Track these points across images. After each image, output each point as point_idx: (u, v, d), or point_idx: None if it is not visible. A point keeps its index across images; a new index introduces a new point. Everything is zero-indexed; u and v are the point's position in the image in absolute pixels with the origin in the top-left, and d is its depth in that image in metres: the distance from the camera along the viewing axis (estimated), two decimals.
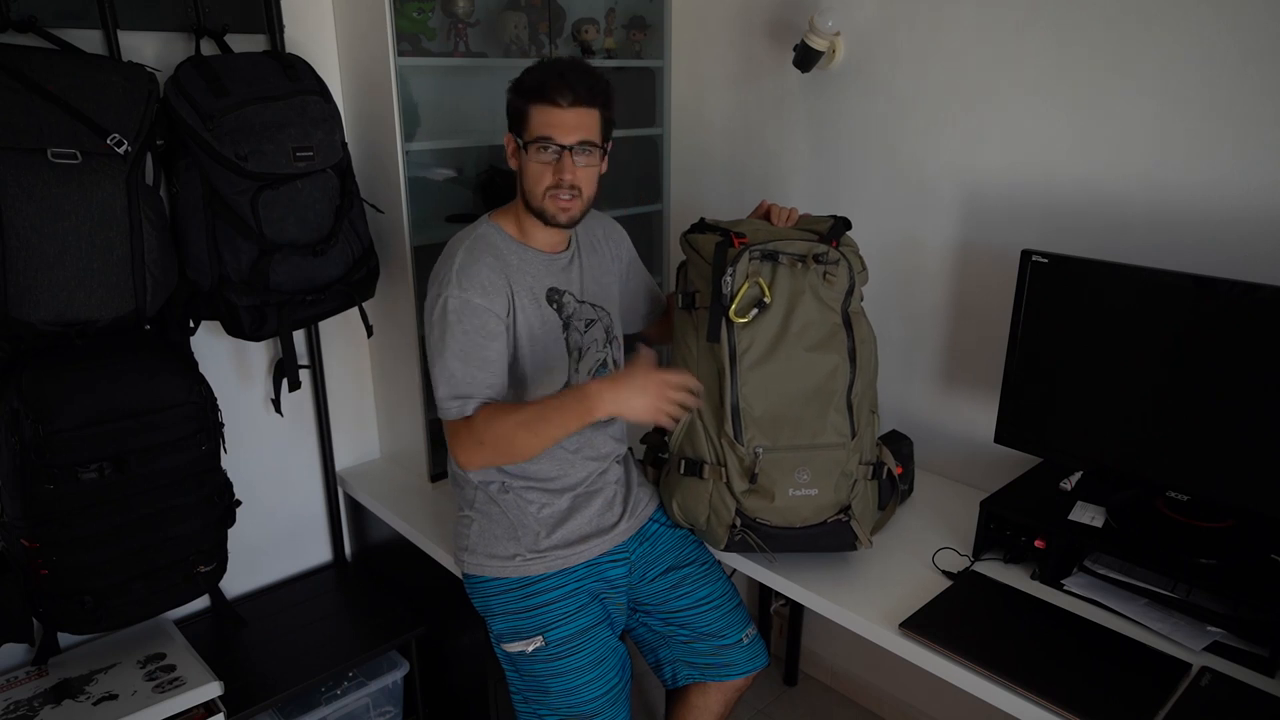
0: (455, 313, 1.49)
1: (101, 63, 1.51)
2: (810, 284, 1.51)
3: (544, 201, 1.52)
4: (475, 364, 1.50)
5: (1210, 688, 1.27)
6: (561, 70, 1.49)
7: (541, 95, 1.48)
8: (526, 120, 1.50)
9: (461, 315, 1.49)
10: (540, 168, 1.50)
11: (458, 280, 1.50)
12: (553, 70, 1.49)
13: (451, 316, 1.49)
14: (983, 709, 1.56)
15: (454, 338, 1.49)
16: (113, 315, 1.49)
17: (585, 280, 1.66)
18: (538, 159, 1.50)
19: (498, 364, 1.53)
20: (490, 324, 1.51)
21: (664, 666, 1.77)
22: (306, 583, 2.15)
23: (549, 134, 1.48)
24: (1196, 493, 1.48)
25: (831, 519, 1.52)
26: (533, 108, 1.49)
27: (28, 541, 1.51)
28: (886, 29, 1.89)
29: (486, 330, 1.51)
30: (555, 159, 1.50)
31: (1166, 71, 1.52)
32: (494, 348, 1.52)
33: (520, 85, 1.52)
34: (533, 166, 1.51)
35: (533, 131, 1.49)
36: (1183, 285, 1.41)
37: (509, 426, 1.46)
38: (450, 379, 1.49)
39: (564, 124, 1.48)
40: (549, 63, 1.52)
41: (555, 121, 1.48)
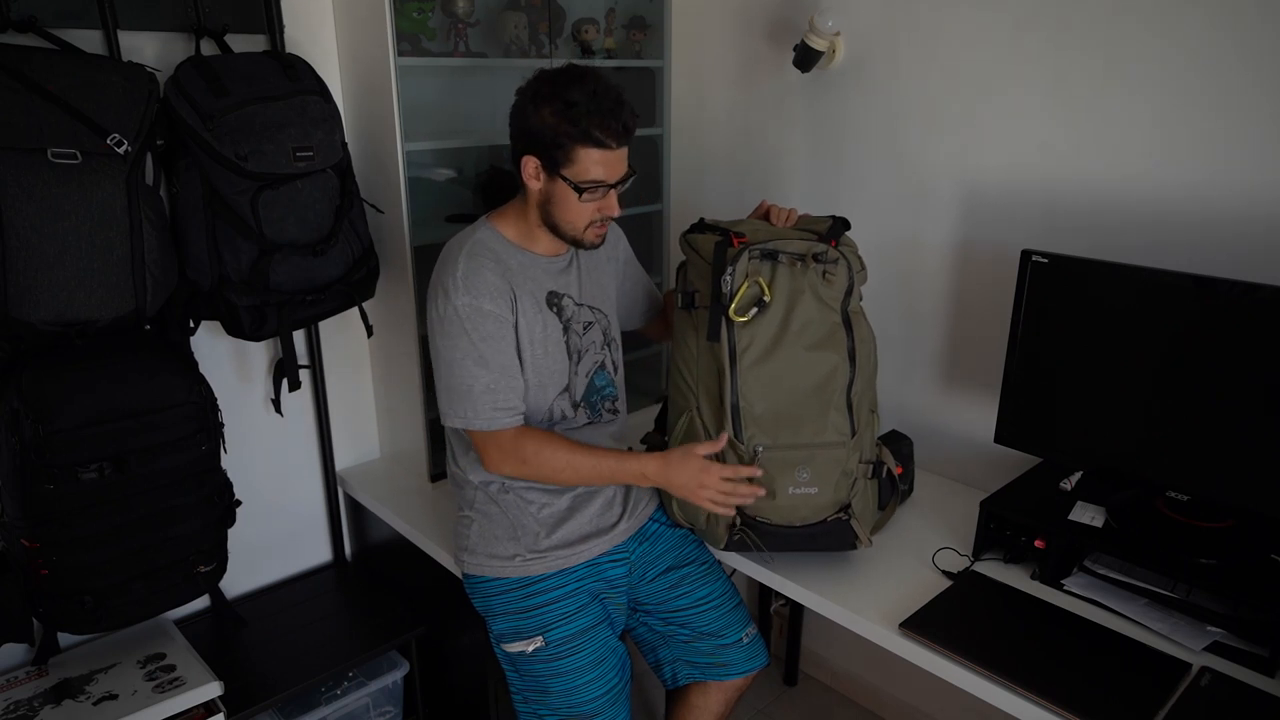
0: (470, 320, 1.48)
1: (101, 63, 1.51)
2: (810, 283, 1.51)
3: (584, 234, 1.53)
4: (499, 370, 1.51)
5: (1210, 688, 1.27)
6: (605, 109, 1.41)
7: (591, 139, 1.42)
8: (570, 159, 1.44)
9: (475, 322, 1.49)
10: (587, 206, 1.49)
11: (465, 287, 1.49)
12: (596, 108, 1.41)
13: (467, 324, 1.48)
14: (983, 709, 1.56)
15: (473, 345, 1.49)
16: (113, 315, 1.49)
17: (584, 283, 1.66)
18: (587, 199, 1.48)
19: (514, 369, 1.54)
20: (503, 329, 1.51)
21: (664, 666, 1.77)
22: (306, 583, 2.15)
23: (604, 178, 1.47)
24: (1196, 493, 1.48)
25: (831, 518, 1.52)
26: (581, 149, 1.43)
27: (28, 541, 1.51)
28: (886, 29, 1.89)
29: (500, 335, 1.51)
30: (601, 198, 1.50)
31: (1166, 71, 1.52)
32: (508, 354, 1.53)
33: (565, 118, 1.41)
34: (576, 205, 1.49)
35: (581, 174, 1.45)
36: (1183, 285, 1.41)
37: (559, 462, 1.52)
38: (480, 387, 1.49)
39: (613, 164, 1.47)
40: (592, 98, 1.41)
41: (606, 164, 1.46)
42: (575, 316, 1.63)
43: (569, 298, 1.62)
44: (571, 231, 1.53)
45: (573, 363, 1.63)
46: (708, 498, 1.49)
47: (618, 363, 1.74)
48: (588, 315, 1.66)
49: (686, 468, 1.50)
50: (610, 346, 1.71)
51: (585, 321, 1.65)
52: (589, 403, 1.67)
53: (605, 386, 1.69)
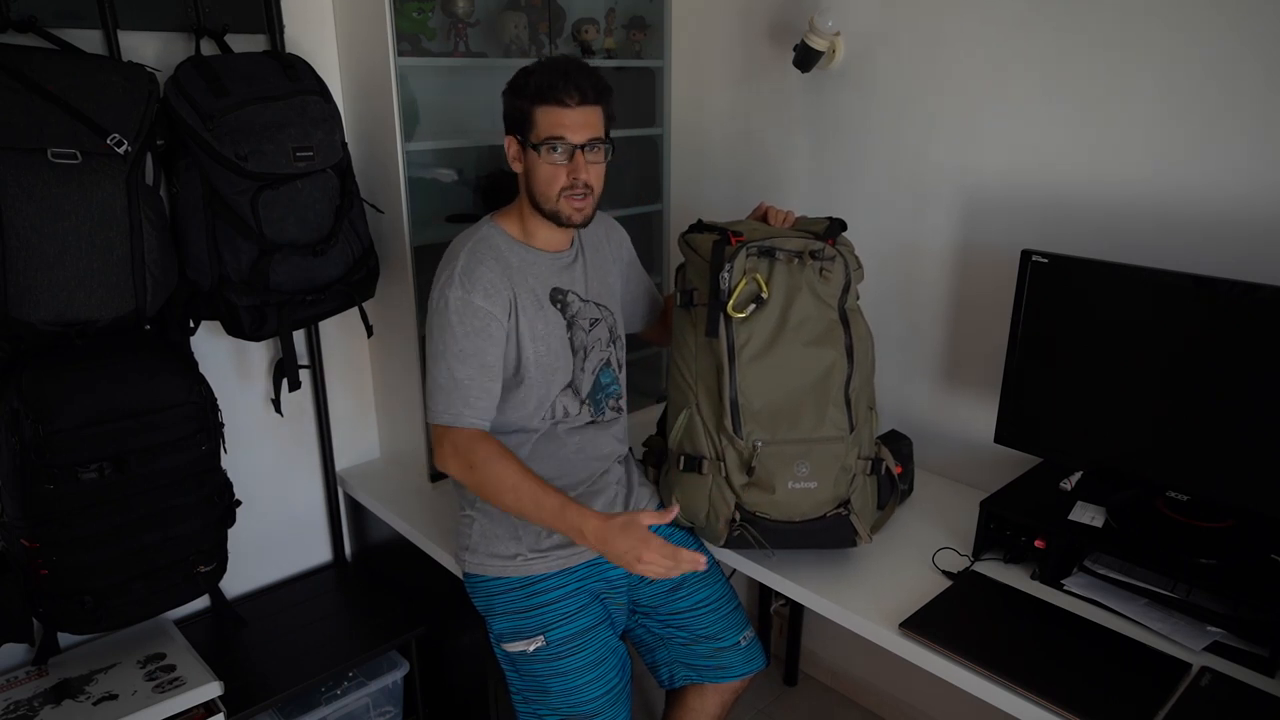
0: (457, 313, 1.49)
1: (101, 63, 1.51)
2: (807, 280, 1.51)
3: (558, 204, 1.53)
4: (475, 366, 1.50)
5: (1210, 688, 1.27)
6: (564, 70, 1.48)
7: (548, 96, 1.47)
8: (532, 122, 1.49)
9: (464, 316, 1.49)
10: (552, 169, 1.50)
11: (461, 281, 1.50)
12: (555, 71, 1.48)
13: (454, 316, 1.49)
14: (983, 709, 1.56)
15: (455, 338, 1.49)
16: (113, 315, 1.49)
17: (589, 279, 1.66)
18: (549, 160, 1.49)
19: (495, 369, 1.53)
20: (491, 327, 1.51)
21: (661, 668, 1.77)
22: (306, 583, 2.15)
23: (560, 134, 1.48)
24: (1196, 493, 1.48)
25: (831, 513, 1.52)
26: (539, 109, 1.48)
27: (28, 541, 1.51)
28: (886, 29, 1.89)
29: (487, 333, 1.51)
30: (567, 160, 1.50)
31: (1166, 71, 1.52)
32: (493, 352, 1.52)
33: (522, 87, 1.50)
34: (544, 169, 1.50)
35: (541, 133, 1.49)
36: (1183, 285, 1.41)
37: (507, 480, 1.47)
38: (453, 382, 1.50)
39: (574, 123, 1.48)
40: (547, 64, 1.51)
41: (565, 121, 1.48)
42: (580, 313, 1.63)
43: (574, 294, 1.63)
44: (546, 203, 1.53)
45: (578, 359, 1.63)
46: (646, 571, 1.40)
47: (622, 361, 1.74)
48: (594, 312, 1.66)
49: (627, 537, 1.40)
50: (615, 344, 1.71)
51: (591, 318, 1.66)
52: (594, 400, 1.67)
53: (610, 384, 1.69)
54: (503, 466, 1.48)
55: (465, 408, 1.50)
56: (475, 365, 1.50)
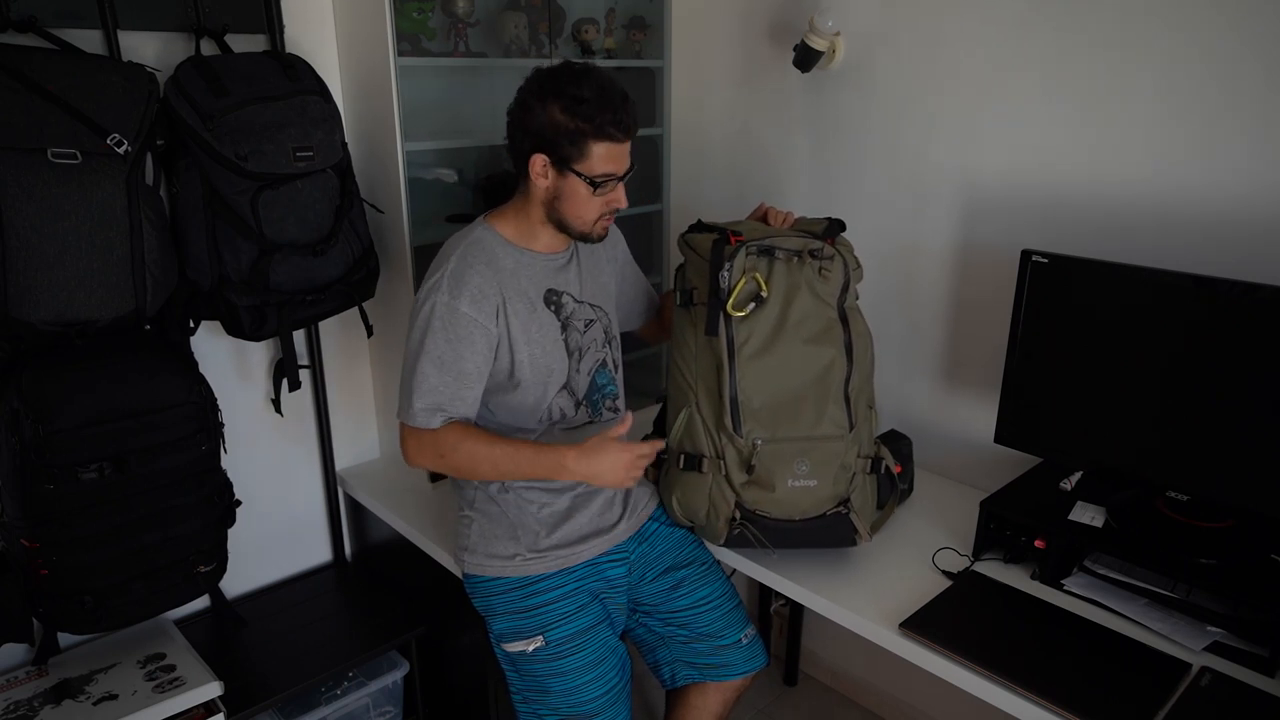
0: (440, 318, 1.48)
1: (101, 63, 1.51)
2: (806, 279, 1.51)
3: (594, 228, 1.54)
4: (451, 374, 1.49)
5: (1210, 688, 1.27)
6: (618, 102, 1.44)
7: (608, 132, 1.45)
8: (584, 154, 1.46)
9: (446, 322, 1.48)
10: (596, 200, 1.51)
11: (448, 286, 1.49)
12: (610, 101, 1.43)
13: (436, 322, 1.48)
14: (983, 709, 1.56)
15: (434, 343, 1.48)
16: (113, 315, 1.49)
17: (584, 280, 1.66)
18: (600, 193, 1.50)
19: (473, 377, 1.51)
20: (475, 335, 1.50)
21: (662, 667, 1.77)
22: (306, 583, 2.15)
23: (615, 171, 1.49)
24: (1196, 493, 1.48)
25: (831, 511, 1.53)
26: (593, 144, 1.45)
27: (28, 541, 1.51)
28: (886, 29, 1.89)
29: (469, 341, 1.50)
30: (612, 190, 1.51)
31: (1167, 71, 1.52)
32: (472, 360, 1.50)
33: (578, 113, 1.43)
34: (589, 198, 1.50)
35: (596, 168, 1.47)
36: (1183, 285, 1.41)
37: (479, 456, 1.49)
38: (426, 387, 1.49)
39: (622, 156, 1.50)
40: (598, 87, 1.44)
41: (619, 157, 1.49)
42: (575, 314, 1.63)
43: (569, 295, 1.62)
44: (581, 226, 1.54)
45: (573, 360, 1.63)
46: (632, 477, 1.47)
47: (618, 361, 1.74)
48: (589, 313, 1.66)
49: (605, 453, 1.45)
50: (611, 345, 1.71)
51: (586, 319, 1.65)
52: (590, 401, 1.67)
53: (607, 385, 1.69)
54: (471, 443, 1.49)
55: (433, 415, 1.50)
56: (451, 373, 1.49)
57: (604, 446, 1.46)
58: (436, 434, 1.50)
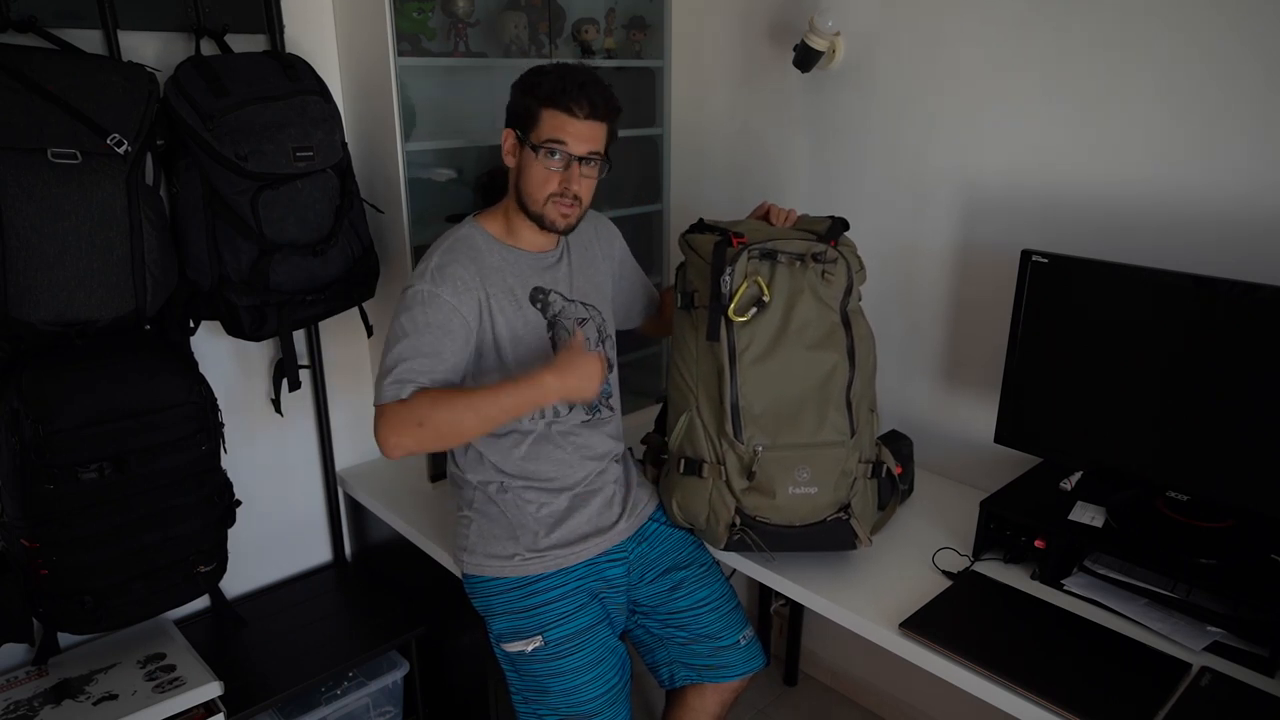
0: (420, 304, 1.48)
1: (101, 63, 1.51)
2: (809, 283, 1.51)
3: (544, 207, 1.53)
4: (425, 354, 1.46)
5: (1210, 688, 1.27)
6: (580, 80, 1.48)
7: (558, 101, 1.47)
8: (536, 121, 1.49)
9: (426, 307, 1.48)
10: (546, 173, 1.50)
11: (431, 276, 1.50)
12: (571, 79, 1.48)
13: (416, 308, 1.48)
14: (983, 709, 1.56)
15: (413, 327, 1.47)
16: (113, 315, 1.49)
17: (575, 278, 1.66)
18: (545, 163, 1.50)
19: (449, 362, 1.49)
20: (453, 322, 1.49)
21: (661, 668, 1.77)
22: (306, 583, 2.15)
23: (562, 139, 1.49)
24: (1196, 493, 1.48)
25: (831, 517, 1.52)
26: (546, 111, 1.48)
27: (28, 541, 1.51)
28: (886, 29, 1.89)
29: (447, 327, 1.49)
30: (563, 167, 1.50)
31: (1167, 71, 1.52)
32: (450, 347, 1.49)
33: (534, 87, 1.50)
34: (538, 170, 1.51)
35: (543, 134, 1.49)
36: (1183, 285, 1.41)
37: (456, 408, 1.43)
38: (397, 363, 1.45)
39: (577, 134, 1.49)
40: (564, 69, 1.50)
41: (569, 130, 1.49)
42: (564, 312, 1.63)
43: (557, 294, 1.62)
44: (533, 204, 1.53)
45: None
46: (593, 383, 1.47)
47: (613, 360, 1.74)
48: (580, 311, 1.66)
49: (573, 365, 1.45)
50: (605, 343, 1.71)
51: (578, 318, 1.65)
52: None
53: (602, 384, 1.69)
54: (446, 401, 1.43)
55: (402, 387, 1.44)
56: (425, 353, 1.46)
57: (574, 357, 1.46)
58: (406, 404, 1.42)
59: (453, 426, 1.45)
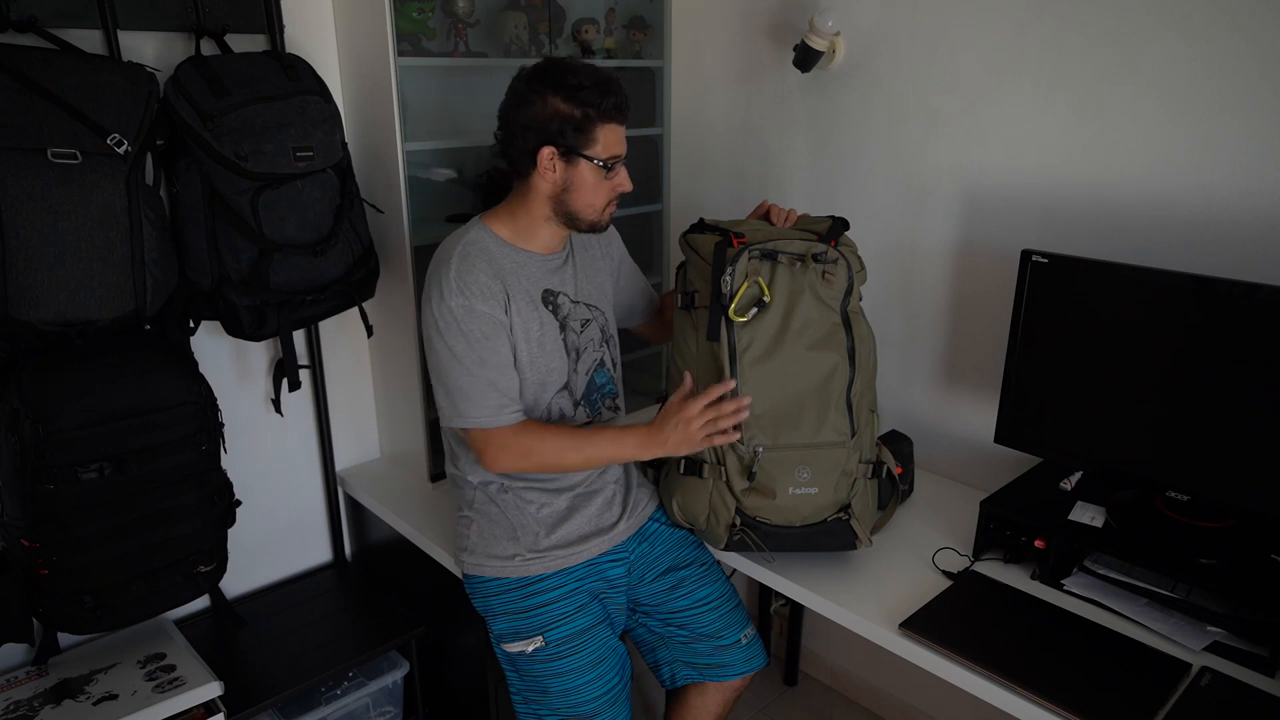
0: (465, 320, 1.49)
1: (101, 63, 1.51)
2: (809, 283, 1.51)
3: (603, 215, 1.56)
4: (496, 369, 1.51)
5: (1210, 688, 1.27)
6: (614, 85, 1.48)
7: (614, 115, 1.48)
8: (593, 138, 1.48)
9: (471, 323, 1.49)
10: (608, 185, 1.53)
11: (459, 288, 1.49)
12: (608, 86, 1.47)
13: (463, 325, 1.49)
14: (983, 709, 1.56)
15: (470, 345, 1.49)
16: (113, 315, 1.49)
17: (579, 280, 1.66)
18: (608, 177, 1.52)
19: (510, 368, 1.54)
20: (497, 331, 1.52)
21: (662, 667, 1.77)
22: (306, 583, 2.15)
23: (622, 152, 1.52)
24: (1196, 493, 1.48)
25: (831, 518, 1.52)
26: (604, 126, 1.48)
27: (28, 541, 1.51)
28: (886, 29, 1.89)
29: (495, 338, 1.51)
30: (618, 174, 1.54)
31: (1167, 71, 1.52)
32: (505, 352, 1.53)
33: (581, 99, 1.45)
34: (600, 184, 1.52)
35: (606, 150, 1.49)
36: (1183, 285, 1.41)
37: (563, 448, 1.54)
38: (485, 384, 1.50)
39: (623, 139, 1.53)
40: (594, 74, 1.47)
41: (623, 140, 1.52)
42: (572, 314, 1.63)
43: (565, 295, 1.63)
44: (591, 214, 1.55)
45: (571, 360, 1.63)
46: (703, 434, 1.47)
47: (616, 360, 1.74)
48: (585, 313, 1.66)
49: (668, 420, 1.50)
50: (609, 344, 1.71)
51: (583, 319, 1.65)
52: (589, 401, 1.67)
53: (605, 384, 1.69)
54: (555, 439, 1.54)
55: (500, 409, 1.51)
56: (495, 366, 1.51)
57: (666, 415, 1.51)
58: (516, 437, 1.52)
59: (557, 461, 1.55)
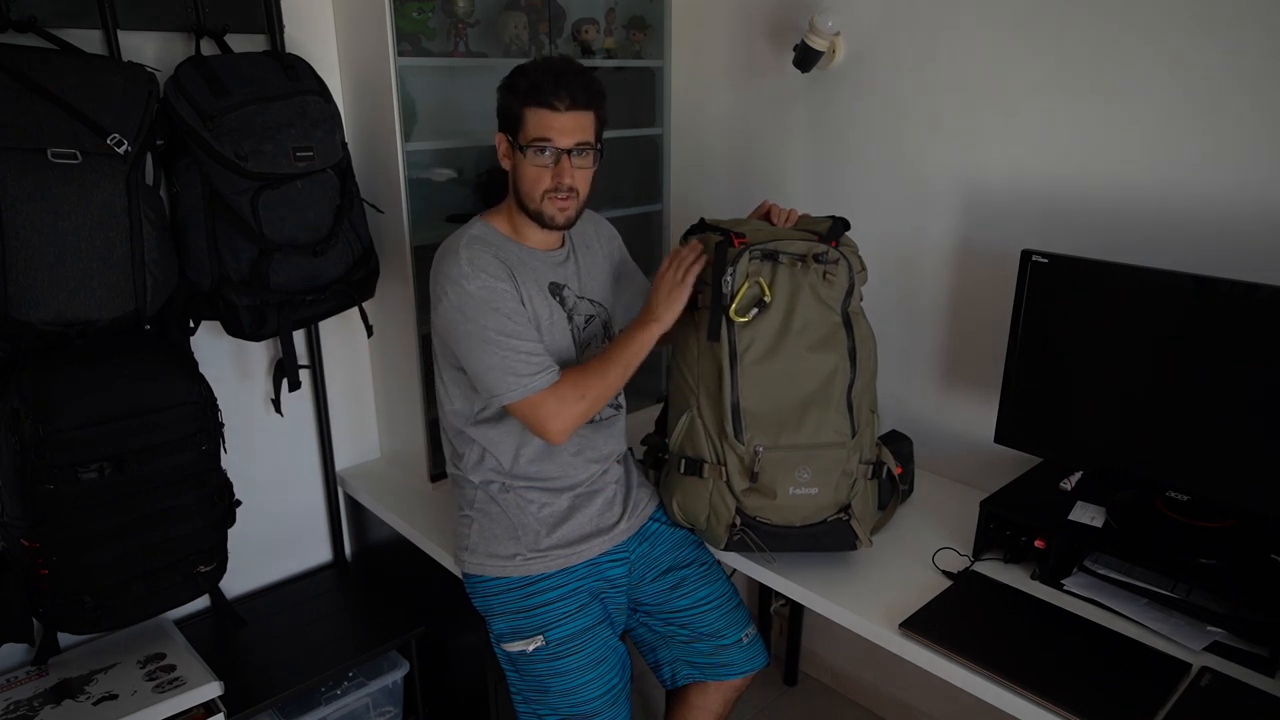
0: (490, 300, 1.48)
1: (102, 63, 1.51)
2: (810, 283, 1.51)
3: (541, 204, 1.53)
4: (527, 337, 1.50)
5: (1210, 688, 1.27)
6: (557, 73, 1.48)
7: (538, 99, 1.48)
8: (522, 122, 1.50)
9: (497, 301, 1.49)
10: (538, 171, 1.51)
11: (472, 271, 1.49)
12: (548, 73, 1.48)
13: (492, 302, 1.48)
14: (983, 709, 1.56)
15: (499, 320, 1.48)
16: (113, 315, 1.49)
17: (582, 276, 1.67)
18: (535, 162, 1.50)
19: (538, 336, 1.54)
20: (518, 305, 1.52)
21: (663, 666, 1.77)
22: (306, 583, 2.15)
23: (547, 136, 1.49)
24: (1196, 493, 1.48)
25: (831, 518, 1.52)
26: (528, 110, 1.49)
27: (28, 541, 1.51)
28: (886, 29, 1.89)
29: (519, 310, 1.52)
30: (553, 162, 1.50)
31: (1168, 71, 1.52)
32: (531, 324, 1.53)
33: (514, 87, 1.51)
34: (530, 170, 1.51)
35: (529, 134, 1.49)
36: (1183, 285, 1.41)
37: (604, 371, 1.53)
38: (520, 357, 1.49)
39: (562, 128, 1.49)
40: (542, 63, 1.51)
41: (553, 125, 1.48)
42: (576, 308, 1.64)
43: (569, 289, 1.63)
44: (530, 203, 1.54)
45: (579, 353, 1.63)
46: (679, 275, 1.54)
47: None
48: (588, 308, 1.66)
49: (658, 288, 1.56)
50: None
51: (586, 314, 1.66)
52: None
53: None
54: (594, 373, 1.53)
55: (541, 371, 1.50)
56: (527, 337, 1.51)
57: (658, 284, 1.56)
58: (563, 387, 1.51)
59: (607, 385, 1.54)
